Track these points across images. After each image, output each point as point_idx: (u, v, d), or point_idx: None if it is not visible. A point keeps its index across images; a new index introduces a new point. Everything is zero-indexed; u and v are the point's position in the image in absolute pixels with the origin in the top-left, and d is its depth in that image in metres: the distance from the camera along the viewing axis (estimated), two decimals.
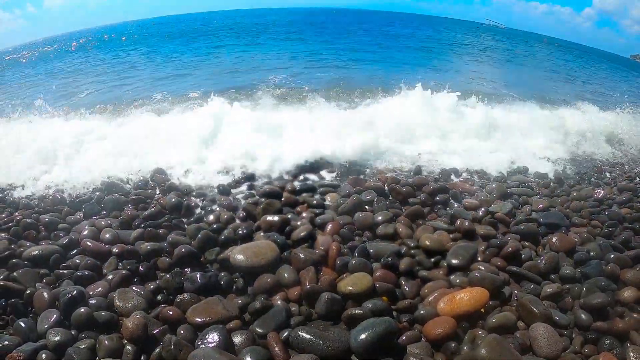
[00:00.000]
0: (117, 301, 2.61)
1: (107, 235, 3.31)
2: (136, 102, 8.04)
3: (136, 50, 18.84)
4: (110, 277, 2.87)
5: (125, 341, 2.28)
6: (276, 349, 2.26)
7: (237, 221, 3.66)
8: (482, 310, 2.59)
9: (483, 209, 3.90)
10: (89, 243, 3.18)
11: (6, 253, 3.04)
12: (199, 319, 2.46)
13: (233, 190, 4.38)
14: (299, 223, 3.53)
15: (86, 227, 3.46)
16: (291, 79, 10.19)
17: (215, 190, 4.34)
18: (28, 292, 2.68)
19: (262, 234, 3.41)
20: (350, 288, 2.67)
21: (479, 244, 3.34)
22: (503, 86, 11.20)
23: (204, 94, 8.24)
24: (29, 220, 3.52)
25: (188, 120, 6.03)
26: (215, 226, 3.51)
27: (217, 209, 3.92)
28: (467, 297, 2.60)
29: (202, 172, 4.68)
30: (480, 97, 7.40)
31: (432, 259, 3.13)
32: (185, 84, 10.07)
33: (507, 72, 14.97)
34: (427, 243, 3.22)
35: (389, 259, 3.02)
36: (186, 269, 3.01)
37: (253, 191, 4.29)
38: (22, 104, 8.02)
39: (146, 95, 8.83)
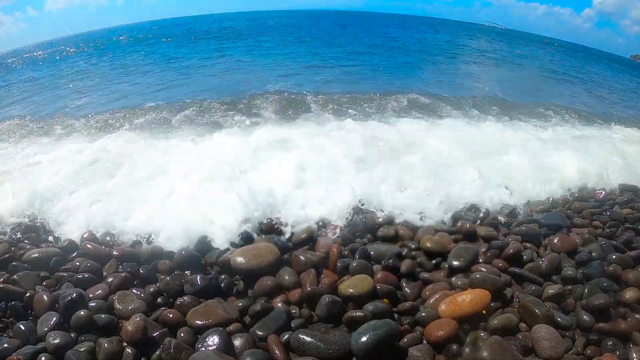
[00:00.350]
0: (117, 304, 2.60)
1: (108, 238, 3.30)
2: (132, 111, 7.93)
3: (135, 54, 18.92)
4: (110, 279, 2.86)
5: (125, 344, 2.27)
6: (277, 351, 2.25)
7: None
8: (484, 312, 2.58)
9: (484, 210, 3.89)
10: (89, 245, 3.17)
11: (6, 255, 3.03)
12: (199, 322, 2.45)
13: None
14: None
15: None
16: (292, 86, 9.94)
17: None
18: (28, 294, 2.67)
19: (262, 236, 3.40)
20: (351, 290, 2.66)
21: (480, 245, 3.33)
22: (505, 91, 11.15)
23: (202, 102, 8.23)
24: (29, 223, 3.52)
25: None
26: None
27: None
28: (468, 299, 2.58)
29: None
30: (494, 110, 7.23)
31: (433, 261, 3.12)
32: (184, 91, 9.92)
33: (507, 75, 14.98)
34: (428, 245, 3.22)
35: (390, 260, 3.01)
36: (186, 272, 3.00)
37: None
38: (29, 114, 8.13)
39: (140, 103, 8.66)
